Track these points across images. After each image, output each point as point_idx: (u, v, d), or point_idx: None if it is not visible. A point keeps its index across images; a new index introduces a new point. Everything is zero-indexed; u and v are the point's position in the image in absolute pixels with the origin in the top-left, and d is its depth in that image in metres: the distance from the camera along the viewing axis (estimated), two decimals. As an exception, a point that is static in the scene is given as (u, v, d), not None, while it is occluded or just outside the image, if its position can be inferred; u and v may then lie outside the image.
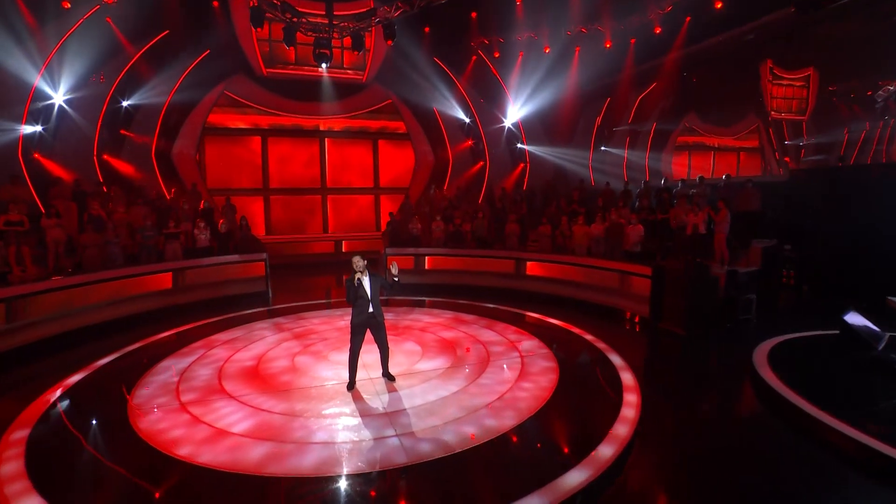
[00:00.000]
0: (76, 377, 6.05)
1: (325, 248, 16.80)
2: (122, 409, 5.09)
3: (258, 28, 11.27)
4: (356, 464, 4.01)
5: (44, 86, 11.92)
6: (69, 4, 11.54)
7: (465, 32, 16.33)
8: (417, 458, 4.06)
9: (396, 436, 4.47)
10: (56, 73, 12.11)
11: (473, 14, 15.86)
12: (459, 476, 3.91)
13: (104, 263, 9.42)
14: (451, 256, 11.87)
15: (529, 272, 10.95)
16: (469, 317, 8.91)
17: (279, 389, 5.59)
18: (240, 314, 9.24)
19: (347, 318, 5.77)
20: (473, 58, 17.12)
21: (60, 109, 12.51)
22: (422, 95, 16.77)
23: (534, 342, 7.32)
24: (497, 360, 6.50)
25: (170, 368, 6.31)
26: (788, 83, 21.66)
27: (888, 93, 17.71)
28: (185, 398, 5.37)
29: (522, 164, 18.33)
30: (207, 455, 4.15)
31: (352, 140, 17.63)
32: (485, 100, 17.74)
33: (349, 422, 4.78)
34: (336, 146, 17.49)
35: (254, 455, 4.14)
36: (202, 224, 10.72)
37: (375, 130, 17.65)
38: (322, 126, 16.97)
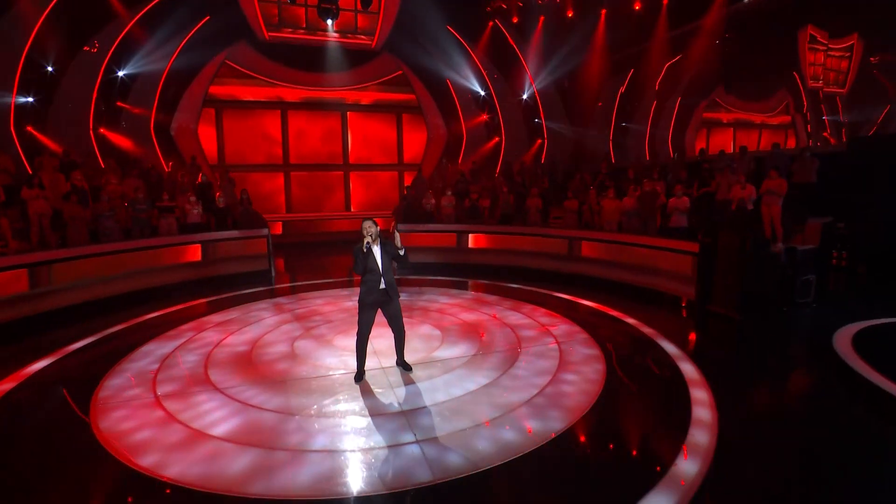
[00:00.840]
0: (40, 364, 5.20)
1: (348, 227, 15.85)
2: (85, 404, 4.22)
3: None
4: (366, 481, 3.11)
5: (34, 54, 11.01)
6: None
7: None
8: (444, 475, 3.14)
9: (417, 442, 3.56)
10: (48, 41, 11.18)
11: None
12: (499, 499, 3.00)
13: (100, 238, 8.60)
14: (503, 235, 10.55)
15: (584, 253, 9.51)
16: (490, 297, 7.97)
17: (274, 380, 4.70)
18: (237, 294, 8.38)
19: (356, 300, 4.84)
20: (490, 24, 15.94)
21: (53, 79, 11.60)
22: (434, 65, 15.64)
23: (569, 326, 6.36)
24: (530, 347, 5.56)
25: (150, 354, 5.44)
26: (830, 52, 19.98)
27: None
28: (162, 390, 4.48)
29: (540, 140, 17.24)
30: (176, 466, 3.25)
31: (374, 114, 16.69)
32: (501, 71, 16.57)
33: (357, 423, 3.87)
34: (358, 120, 16.55)
35: (236, 467, 3.25)
36: (192, 198, 9.80)
37: (398, 103, 16.62)
38: (348, 99, 16.08)
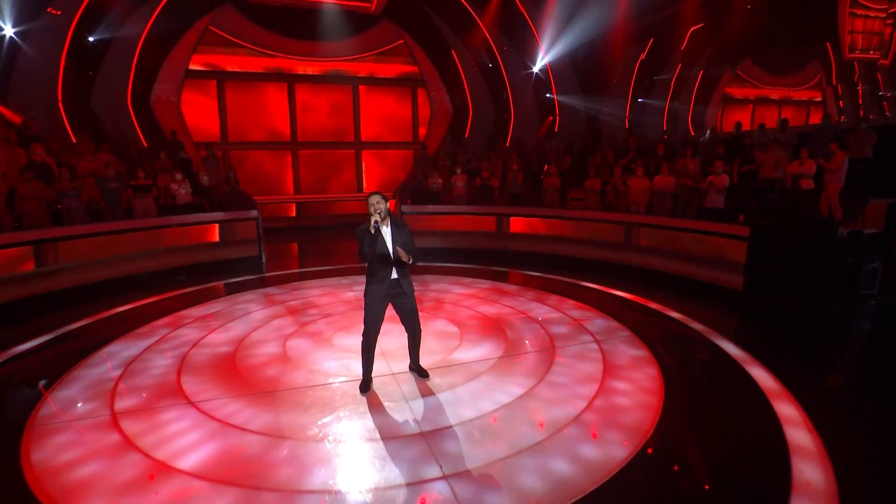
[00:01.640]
0: (-22, 369, 4.34)
1: (359, 209, 14.97)
2: (19, 426, 3.35)
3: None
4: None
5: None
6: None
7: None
8: (489, 535, 2.30)
9: (444, 478, 2.71)
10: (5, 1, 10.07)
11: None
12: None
13: (63, 220, 7.66)
14: (541, 218, 9.42)
15: (642, 242, 8.12)
16: (510, 287, 7.08)
17: (261, 390, 3.83)
18: (222, 283, 7.48)
19: (358, 289, 3.93)
20: (499, -11, 14.76)
21: (12, 44, 10.49)
22: (438, 34, 14.49)
23: (605, 321, 5.49)
24: (566, 346, 4.70)
25: (114, 356, 4.56)
26: (874, 16, 18.71)
27: None
28: (122, 405, 3.62)
29: (551, 117, 16.17)
30: (120, 524, 2.40)
31: (387, 88, 15.68)
32: (511, 42, 15.43)
33: (365, 449, 3.01)
34: (370, 95, 15.53)
35: (201, 524, 2.40)
36: (179, 177, 8.83)
37: (412, 76, 15.55)
38: (361, 72, 15.10)
